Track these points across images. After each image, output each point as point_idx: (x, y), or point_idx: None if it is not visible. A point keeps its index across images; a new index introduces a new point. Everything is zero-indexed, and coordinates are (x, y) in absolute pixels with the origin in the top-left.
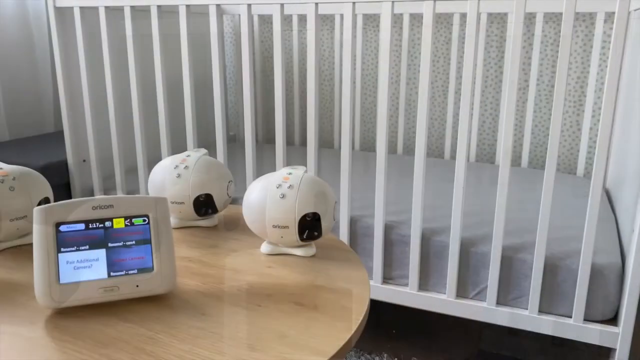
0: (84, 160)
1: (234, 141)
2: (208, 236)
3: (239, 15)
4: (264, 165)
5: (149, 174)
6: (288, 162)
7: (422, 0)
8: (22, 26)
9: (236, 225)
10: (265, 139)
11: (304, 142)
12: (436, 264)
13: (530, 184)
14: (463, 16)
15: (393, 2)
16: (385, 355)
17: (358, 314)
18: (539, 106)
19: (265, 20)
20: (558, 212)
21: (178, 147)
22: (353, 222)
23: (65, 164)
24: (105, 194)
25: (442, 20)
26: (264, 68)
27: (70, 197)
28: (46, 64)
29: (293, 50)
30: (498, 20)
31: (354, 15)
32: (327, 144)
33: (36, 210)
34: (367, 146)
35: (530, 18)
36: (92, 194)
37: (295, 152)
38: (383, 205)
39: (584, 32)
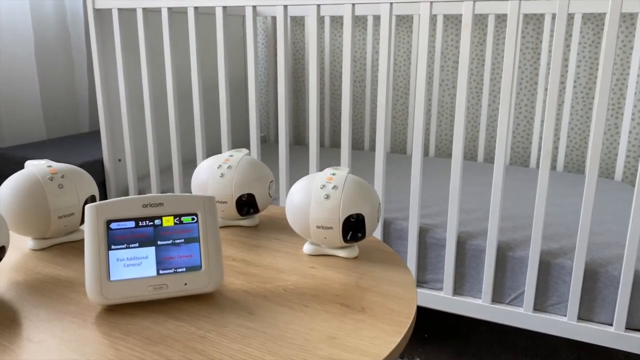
0: (120, 160)
1: (264, 142)
2: (250, 236)
3: (271, 17)
4: (295, 167)
5: (183, 174)
6: (319, 164)
7: (461, 0)
8: (60, 28)
9: (276, 225)
10: (294, 140)
11: (334, 144)
12: (471, 268)
13: (566, 188)
14: (499, 17)
15: (431, 2)
16: (417, 359)
17: (407, 317)
18: (575, 109)
19: (298, 21)
20: (597, 216)
21: (211, 147)
22: (386, 225)
23: (100, 163)
24: (140, 194)
25: (476, 22)
26: (294, 69)
27: (105, 196)
28: (82, 65)
29: (325, 51)
30: (534, 21)
31: (391, 17)
32: (358, 145)
33: (88, 207)
34: (397, 148)
35: (567, 19)
36: (126, 193)
37: (325, 153)
38: (418, 207)
39: (623, 32)
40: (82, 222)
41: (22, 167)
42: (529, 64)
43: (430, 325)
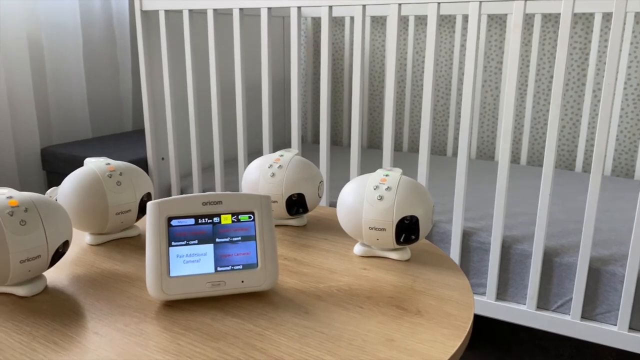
0: (163, 158)
1: (302, 142)
2: (299, 235)
3: (311, 18)
4: (332, 167)
5: (224, 172)
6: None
7: (506, 3)
8: (106, 29)
9: (324, 225)
10: (330, 141)
11: (372, 144)
12: (516, 273)
13: (615, 193)
14: (545, 17)
15: (480, 2)
16: None
17: (465, 322)
18: (625, 111)
19: (337, 22)
20: None
21: (251, 147)
22: None
23: (144, 161)
24: (182, 192)
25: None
26: (333, 70)
27: None
28: (127, 65)
29: (366, 52)
30: (583, 20)
31: (438, 17)
32: (397, 146)
33: (150, 204)
34: (437, 150)
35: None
36: (169, 191)
37: (363, 154)
38: (462, 210)
39: None
40: (138, 218)
41: (69, 164)
42: (576, 65)
43: (472, 331)
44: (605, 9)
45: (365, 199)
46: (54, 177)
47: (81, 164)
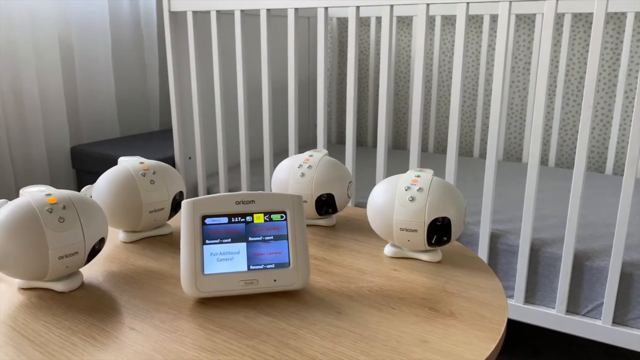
0: (190, 158)
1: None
2: (328, 235)
3: (336, 18)
4: (357, 169)
5: (250, 172)
6: (387, 166)
7: (536, 2)
8: (134, 30)
9: (353, 225)
10: (356, 142)
11: (396, 145)
12: (545, 276)
13: None
14: (575, 16)
15: (511, 2)
16: None
17: (499, 324)
18: None
19: (363, 22)
20: None
21: (275, 147)
22: None
23: (171, 160)
24: (208, 191)
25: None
26: (357, 70)
27: None
28: (154, 66)
29: (392, 52)
30: (615, 20)
31: (467, 17)
32: (422, 147)
33: (185, 203)
34: (463, 151)
35: None
36: (195, 190)
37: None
38: (490, 212)
39: None
40: (170, 217)
41: (98, 162)
42: (607, 65)
43: None
44: (638, 9)
45: (396, 199)
46: (83, 175)
47: (110, 163)
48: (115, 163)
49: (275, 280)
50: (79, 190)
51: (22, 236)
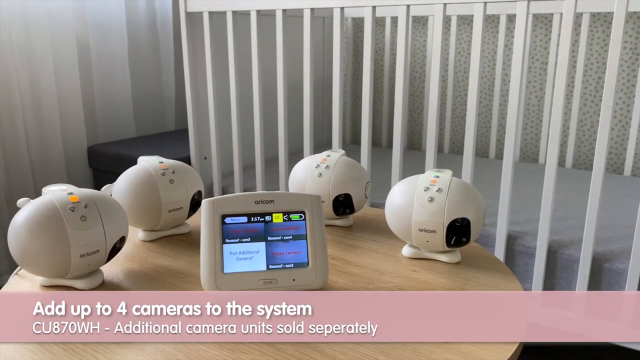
0: (205, 158)
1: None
2: (345, 235)
3: (351, 18)
4: (372, 169)
5: (265, 172)
6: (402, 167)
7: (553, 2)
8: (150, 30)
9: (370, 226)
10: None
11: (411, 146)
12: (562, 278)
13: None
14: (593, 16)
15: (529, 1)
16: None
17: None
18: None
19: (378, 22)
20: None
21: (290, 147)
22: None
23: (187, 160)
24: (224, 191)
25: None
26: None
27: None
28: (170, 66)
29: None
30: (634, 19)
31: (484, 17)
32: (438, 147)
33: (205, 202)
34: (480, 151)
35: None
36: (211, 190)
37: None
38: (507, 214)
39: None
40: (188, 216)
41: (115, 162)
42: (626, 65)
43: None
44: None
45: (415, 200)
46: (100, 175)
47: (126, 162)
48: (132, 163)
49: (294, 280)
50: (95, 189)
51: (44, 234)
